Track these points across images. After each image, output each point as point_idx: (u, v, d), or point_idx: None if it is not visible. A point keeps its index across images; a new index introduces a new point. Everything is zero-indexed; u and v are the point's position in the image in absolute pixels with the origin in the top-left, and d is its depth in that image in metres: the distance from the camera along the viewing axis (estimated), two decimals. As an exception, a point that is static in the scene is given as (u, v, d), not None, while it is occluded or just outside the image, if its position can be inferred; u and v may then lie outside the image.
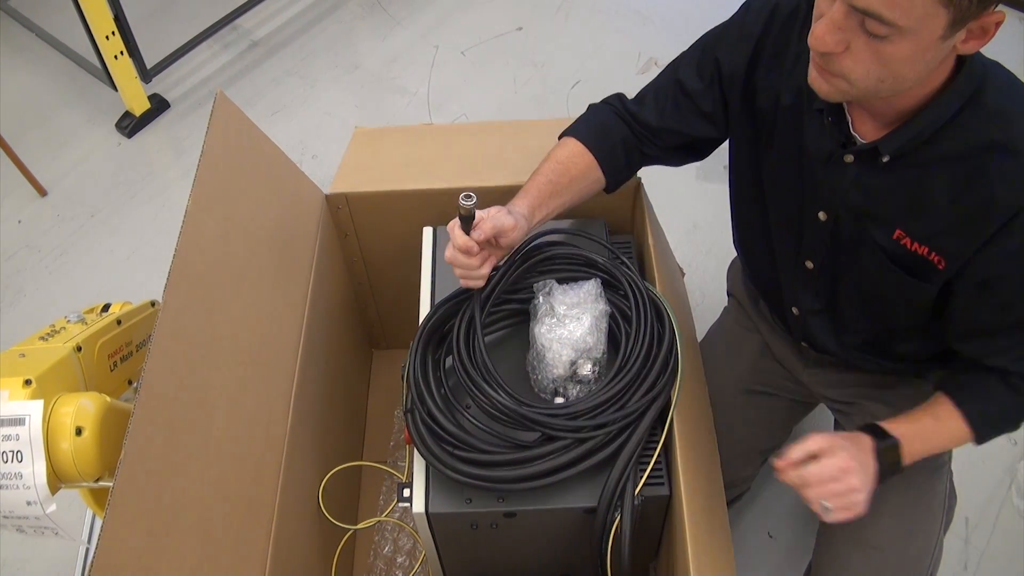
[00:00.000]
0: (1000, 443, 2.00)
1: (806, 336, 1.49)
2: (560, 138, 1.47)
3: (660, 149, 1.45)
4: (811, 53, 1.08)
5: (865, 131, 1.18)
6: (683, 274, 1.94)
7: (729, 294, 1.78)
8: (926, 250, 1.17)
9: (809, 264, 1.36)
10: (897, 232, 1.19)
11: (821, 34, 1.03)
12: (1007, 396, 1.25)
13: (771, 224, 1.41)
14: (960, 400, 1.26)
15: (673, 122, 1.41)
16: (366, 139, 1.87)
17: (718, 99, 1.37)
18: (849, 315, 1.37)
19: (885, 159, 1.15)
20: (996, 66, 1.11)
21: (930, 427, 1.27)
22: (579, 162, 1.42)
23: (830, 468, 1.16)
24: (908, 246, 1.18)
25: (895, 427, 1.25)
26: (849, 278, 1.31)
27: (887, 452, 1.23)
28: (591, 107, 1.50)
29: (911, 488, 1.41)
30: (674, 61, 1.43)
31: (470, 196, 1.18)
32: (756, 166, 1.37)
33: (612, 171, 1.45)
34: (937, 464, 1.44)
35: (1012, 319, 1.19)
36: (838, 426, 1.60)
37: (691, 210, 2.49)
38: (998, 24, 0.98)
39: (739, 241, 1.57)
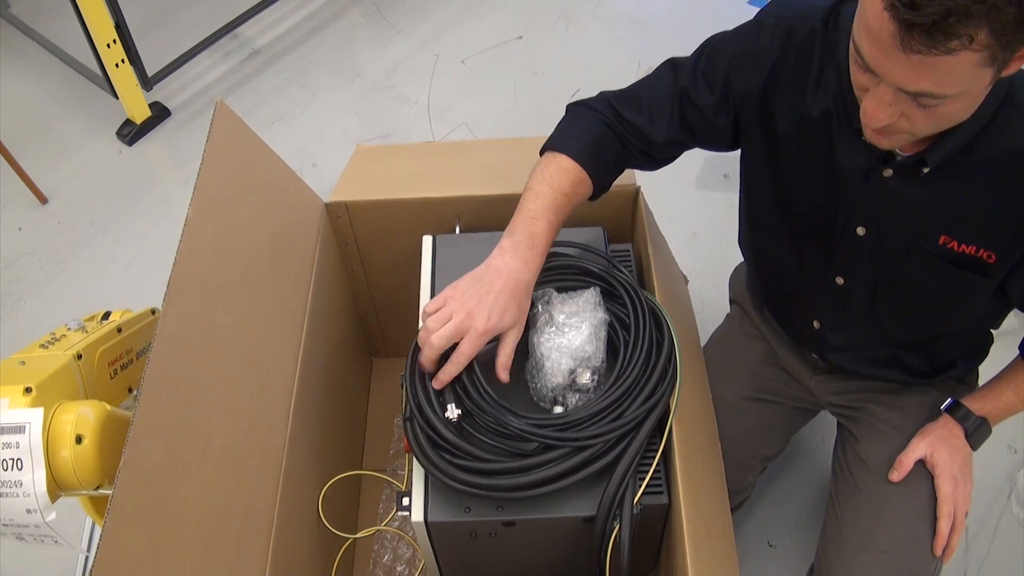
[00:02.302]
0: (1000, 451, 2.00)
1: (820, 349, 1.49)
2: (552, 150, 1.39)
3: (651, 161, 1.44)
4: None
5: (903, 146, 1.16)
6: (687, 281, 1.94)
7: (732, 301, 1.77)
8: (974, 249, 1.18)
9: (839, 280, 1.35)
10: (943, 238, 1.19)
11: (873, 112, 1.02)
12: None
13: (795, 242, 1.40)
14: None
15: (681, 135, 1.38)
16: (367, 155, 1.88)
17: (730, 115, 1.34)
18: (889, 326, 1.38)
19: (926, 171, 1.14)
20: None
21: (1011, 401, 1.39)
22: (579, 188, 1.37)
23: (962, 500, 1.38)
24: (955, 248, 1.19)
25: (979, 406, 1.40)
26: (893, 289, 1.31)
27: (978, 434, 1.39)
28: (577, 112, 1.43)
29: (922, 494, 1.41)
30: (671, 68, 1.39)
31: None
32: (777, 186, 1.36)
33: (600, 186, 1.42)
34: None
35: None
36: (841, 429, 1.60)
37: (691, 218, 2.49)
38: None
39: (752, 258, 1.56)
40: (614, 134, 1.40)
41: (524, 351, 1.36)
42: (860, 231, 1.27)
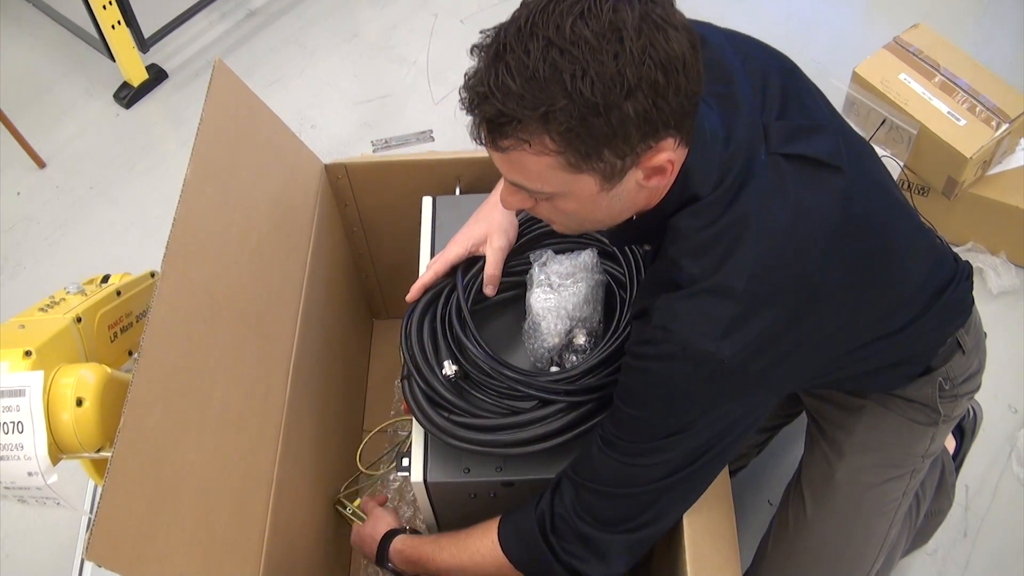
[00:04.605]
0: (1000, 411, 2.00)
1: None
2: None
3: None
4: None
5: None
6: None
7: None
8: None
9: None
10: None
11: (504, 198, 1.09)
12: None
13: None
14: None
15: None
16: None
17: None
18: None
19: (647, 247, 1.22)
20: (738, 194, 1.04)
21: (428, 553, 1.34)
22: None
23: None
24: None
25: (405, 544, 1.40)
26: None
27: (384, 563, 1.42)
28: None
29: (842, 527, 1.41)
30: None
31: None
32: None
33: None
34: (881, 504, 1.42)
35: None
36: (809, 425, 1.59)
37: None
38: (671, 162, 0.97)
39: None
40: None
41: (521, 312, 1.36)
42: None
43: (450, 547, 1.30)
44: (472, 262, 1.37)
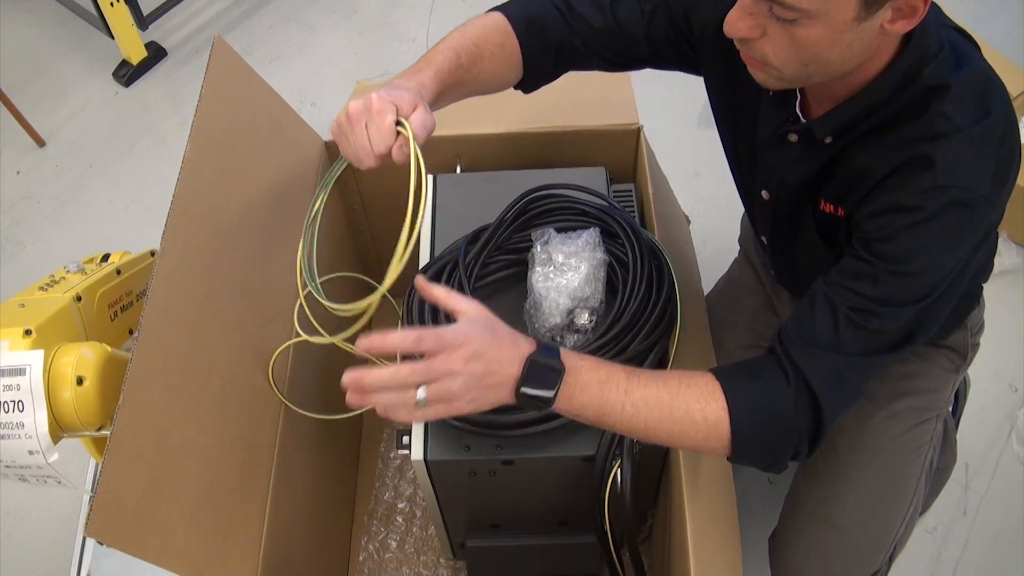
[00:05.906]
0: (1000, 389, 2.00)
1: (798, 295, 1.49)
2: (491, 11, 1.30)
3: (602, 60, 1.33)
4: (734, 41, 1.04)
5: (817, 111, 1.13)
6: (689, 221, 1.93)
7: (740, 243, 1.76)
8: (832, 207, 1.14)
9: (763, 238, 1.35)
10: (821, 202, 1.15)
11: (733, 20, 1.00)
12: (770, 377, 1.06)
13: (743, 195, 1.40)
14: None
15: (649, 31, 1.28)
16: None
17: (690, 44, 1.28)
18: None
19: (828, 140, 1.11)
20: (958, 51, 1.04)
21: (621, 377, 1.05)
22: (502, 43, 1.27)
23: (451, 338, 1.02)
24: (824, 209, 1.15)
25: (579, 362, 1.04)
26: (798, 251, 1.26)
27: (540, 371, 1.01)
28: None
29: (880, 468, 1.40)
30: None
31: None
32: (725, 136, 1.36)
33: (535, 71, 1.32)
34: (916, 445, 1.42)
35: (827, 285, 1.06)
36: None
37: (693, 157, 2.47)
38: (926, 1, 0.92)
39: None
40: (565, 21, 1.30)
41: (522, 291, 1.35)
42: (764, 195, 1.25)
43: (654, 384, 1.04)
44: (473, 240, 1.37)
